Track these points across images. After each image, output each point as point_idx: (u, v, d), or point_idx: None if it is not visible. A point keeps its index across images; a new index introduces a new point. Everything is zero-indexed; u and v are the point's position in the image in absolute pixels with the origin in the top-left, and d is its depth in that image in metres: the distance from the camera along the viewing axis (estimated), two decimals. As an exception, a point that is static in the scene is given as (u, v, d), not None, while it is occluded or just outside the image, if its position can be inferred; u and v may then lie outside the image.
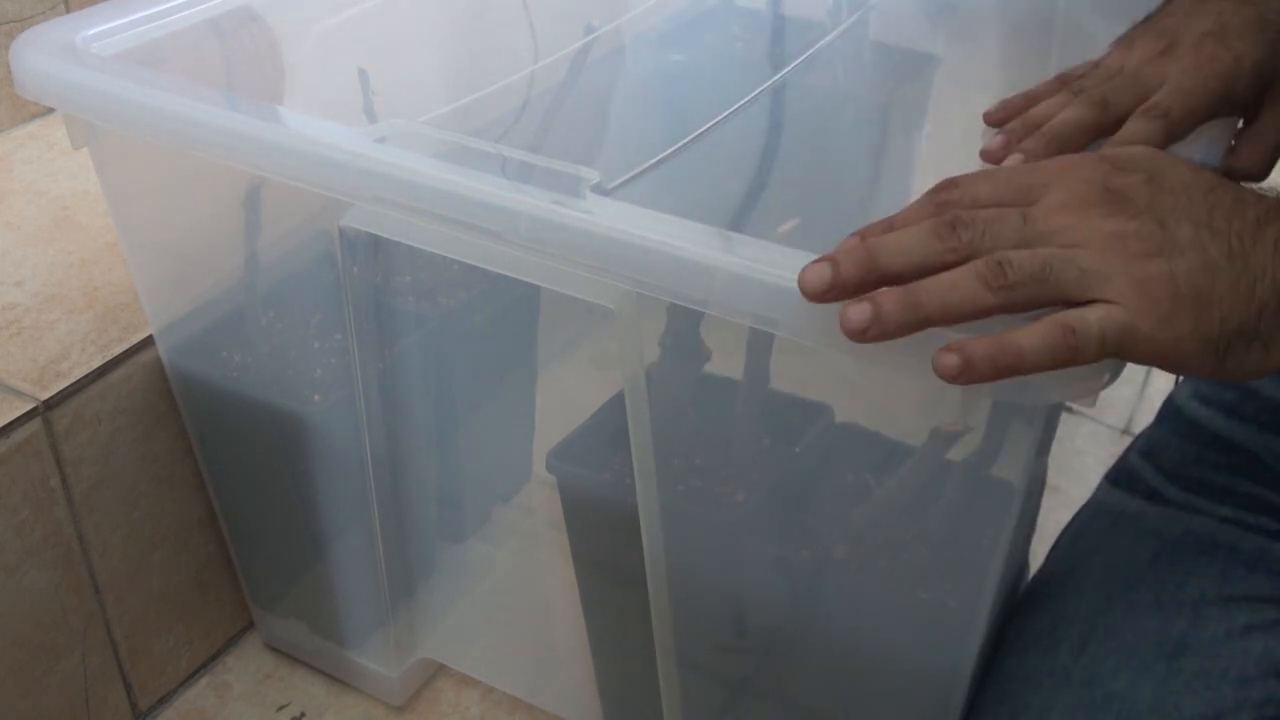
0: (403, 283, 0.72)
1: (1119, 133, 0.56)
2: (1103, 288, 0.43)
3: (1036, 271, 0.43)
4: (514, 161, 0.56)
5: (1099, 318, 0.43)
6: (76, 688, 0.76)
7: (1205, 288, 0.43)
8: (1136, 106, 0.56)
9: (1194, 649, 0.56)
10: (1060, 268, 0.43)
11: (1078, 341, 0.42)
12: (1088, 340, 0.42)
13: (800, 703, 0.68)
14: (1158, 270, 0.43)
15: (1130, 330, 0.43)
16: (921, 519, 0.61)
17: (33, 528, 0.70)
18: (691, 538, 0.63)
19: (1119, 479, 0.68)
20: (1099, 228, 0.44)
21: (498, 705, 0.84)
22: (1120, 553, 0.63)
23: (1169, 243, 0.43)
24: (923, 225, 0.45)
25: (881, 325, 0.43)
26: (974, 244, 0.44)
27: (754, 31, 1.00)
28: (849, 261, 0.45)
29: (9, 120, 0.98)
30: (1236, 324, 0.43)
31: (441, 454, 0.78)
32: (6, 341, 0.73)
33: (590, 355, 0.76)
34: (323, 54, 0.80)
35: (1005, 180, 0.47)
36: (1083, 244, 0.44)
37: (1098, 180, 0.46)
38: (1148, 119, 0.55)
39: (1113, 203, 0.45)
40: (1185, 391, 0.68)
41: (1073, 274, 0.43)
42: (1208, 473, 0.64)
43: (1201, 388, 0.67)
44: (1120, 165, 0.47)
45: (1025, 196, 0.46)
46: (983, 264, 0.43)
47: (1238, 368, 0.44)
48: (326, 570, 0.79)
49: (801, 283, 0.45)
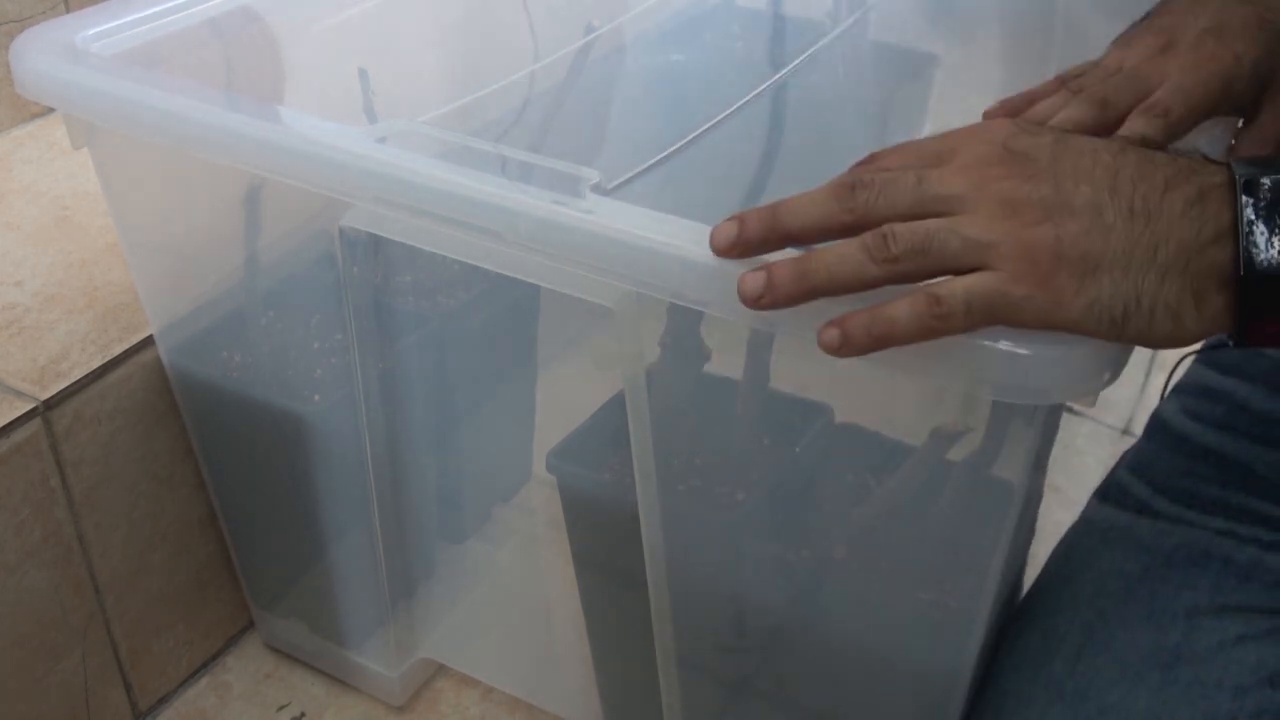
0: (403, 283, 0.72)
1: (1118, 131, 0.56)
2: (985, 256, 0.43)
3: (919, 243, 0.43)
4: (514, 161, 0.56)
5: (966, 285, 0.43)
6: (76, 688, 0.76)
7: (1095, 250, 0.42)
8: (1136, 105, 0.56)
9: (1188, 659, 0.56)
10: (944, 239, 0.43)
11: (943, 310, 0.42)
12: (953, 309, 0.42)
13: (800, 703, 0.68)
14: (1042, 235, 0.42)
15: (1002, 294, 0.42)
16: (921, 519, 0.61)
17: (33, 528, 0.70)
18: (691, 538, 0.63)
19: (1109, 495, 0.67)
20: (993, 191, 0.44)
21: (498, 705, 0.84)
22: (1112, 566, 0.62)
23: (1061, 205, 0.43)
24: (824, 187, 0.46)
25: (773, 293, 0.44)
26: (869, 205, 0.45)
27: (754, 31, 1.00)
28: (754, 219, 0.46)
29: (9, 120, 0.98)
30: (1133, 288, 0.42)
31: (441, 454, 0.78)
32: (6, 341, 0.73)
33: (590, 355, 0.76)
34: (323, 54, 0.80)
35: (917, 147, 0.47)
36: (972, 210, 0.44)
37: (999, 140, 0.45)
38: (1148, 117, 0.55)
39: (1012, 163, 0.44)
40: (1172, 407, 0.68)
41: (955, 244, 0.43)
42: (1199, 485, 0.64)
43: (1189, 403, 0.67)
44: (1029, 129, 0.46)
45: (934, 160, 0.46)
46: (869, 236, 0.44)
47: (1142, 335, 0.43)
48: (326, 570, 0.79)
49: (711, 239, 0.47)
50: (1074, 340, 0.44)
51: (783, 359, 0.60)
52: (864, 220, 0.45)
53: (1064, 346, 0.44)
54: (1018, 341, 0.44)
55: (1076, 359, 0.44)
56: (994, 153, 0.45)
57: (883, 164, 0.47)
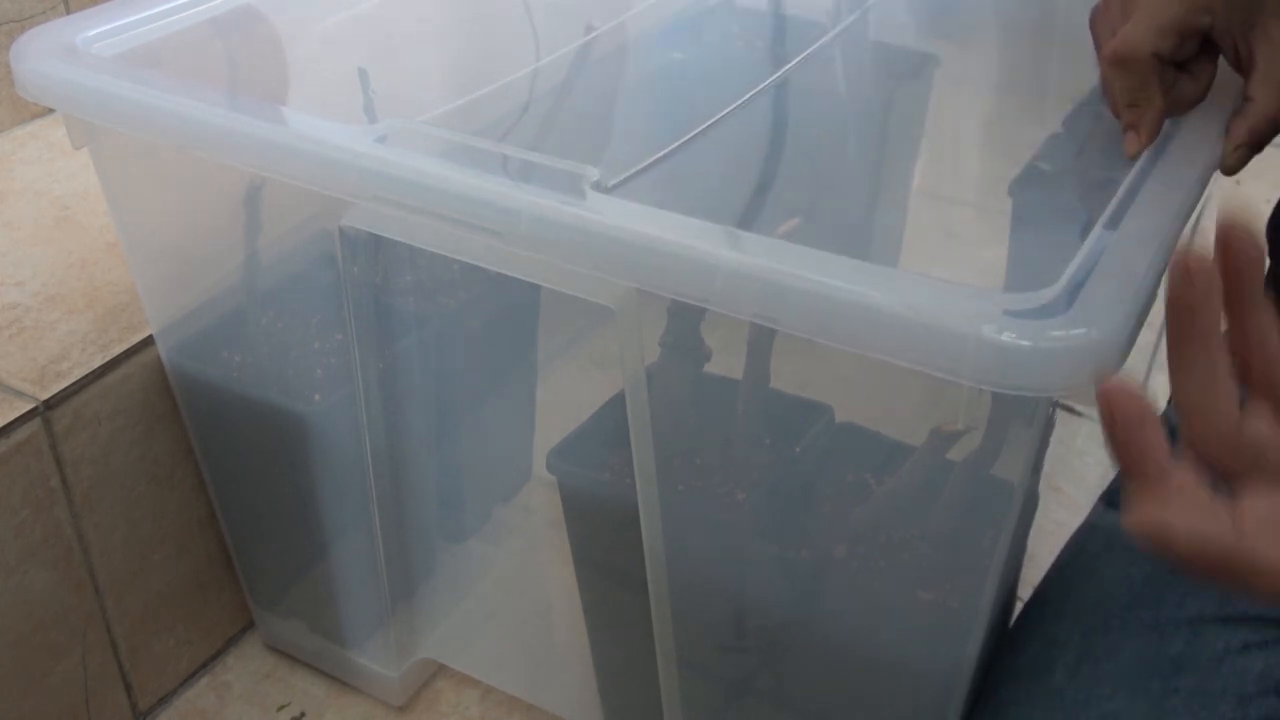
0: (403, 283, 0.72)
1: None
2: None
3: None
4: (514, 160, 0.56)
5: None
6: (76, 688, 0.76)
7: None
8: None
9: (1191, 668, 0.55)
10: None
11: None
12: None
13: (800, 703, 0.68)
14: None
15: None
16: (922, 519, 0.61)
17: (33, 528, 0.70)
18: (691, 538, 0.63)
19: (1114, 500, 0.67)
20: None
21: (498, 705, 0.84)
22: (1116, 573, 0.62)
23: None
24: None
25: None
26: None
27: (754, 30, 1.00)
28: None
29: (9, 120, 0.98)
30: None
31: (442, 454, 0.78)
32: (6, 341, 0.73)
33: (590, 355, 0.76)
34: (323, 53, 0.80)
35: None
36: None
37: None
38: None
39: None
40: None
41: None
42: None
43: None
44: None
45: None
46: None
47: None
48: (327, 570, 0.79)
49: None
50: (1074, 334, 0.44)
51: (783, 359, 0.60)
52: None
53: (1063, 340, 0.44)
54: (1019, 334, 0.44)
55: (1076, 351, 0.44)
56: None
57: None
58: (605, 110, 0.90)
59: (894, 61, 0.99)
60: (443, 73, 0.89)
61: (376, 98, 0.74)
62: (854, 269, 0.47)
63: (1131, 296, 0.46)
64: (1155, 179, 0.55)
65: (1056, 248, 0.51)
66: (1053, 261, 0.49)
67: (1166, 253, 0.50)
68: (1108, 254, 0.48)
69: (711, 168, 0.76)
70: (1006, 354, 0.44)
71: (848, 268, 0.47)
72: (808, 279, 0.47)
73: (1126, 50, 0.57)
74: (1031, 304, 0.45)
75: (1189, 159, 0.57)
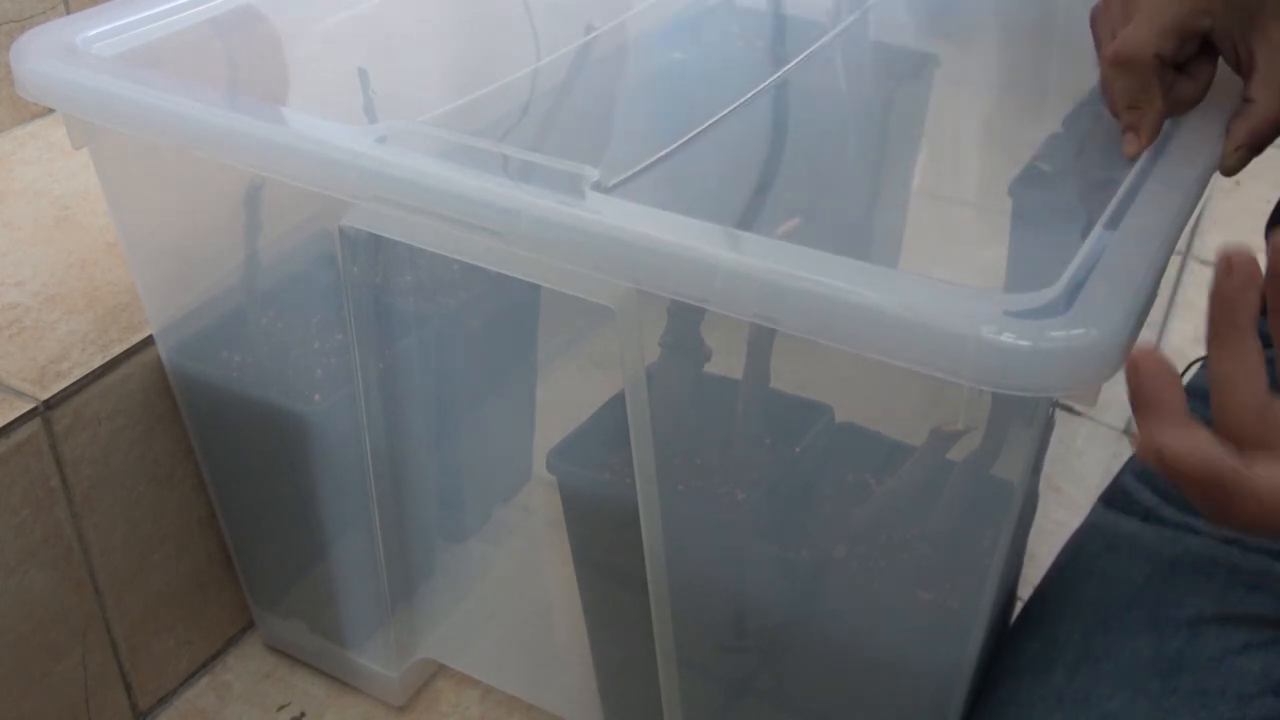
0: (403, 283, 0.72)
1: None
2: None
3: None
4: (514, 160, 0.56)
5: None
6: (76, 688, 0.76)
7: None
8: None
9: (1190, 667, 0.55)
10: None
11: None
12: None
13: (800, 703, 0.68)
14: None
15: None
16: (921, 519, 0.61)
17: (33, 528, 0.70)
18: (691, 538, 0.63)
19: (1113, 500, 0.67)
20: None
21: (498, 705, 0.84)
22: (1115, 573, 0.62)
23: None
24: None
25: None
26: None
27: (754, 30, 1.00)
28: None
29: (9, 120, 0.98)
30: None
31: (441, 454, 0.78)
32: (6, 341, 0.73)
33: (590, 355, 0.76)
34: (323, 53, 0.80)
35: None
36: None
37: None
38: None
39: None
40: None
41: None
42: None
43: (1196, 408, 0.66)
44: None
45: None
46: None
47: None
48: (327, 570, 0.79)
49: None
50: (1074, 334, 0.44)
51: (783, 359, 0.60)
52: None
53: (1063, 340, 0.44)
54: (1019, 334, 0.44)
55: (1076, 352, 0.44)
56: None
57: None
58: (605, 110, 0.90)
59: (894, 61, 0.99)
60: (443, 73, 0.89)
61: (376, 98, 0.74)
62: (854, 269, 0.47)
63: (1131, 296, 0.46)
64: (1155, 179, 0.55)
65: (1056, 248, 0.51)
66: (1053, 262, 0.49)
67: (1166, 253, 0.50)
68: (1108, 254, 0.48)
69: (711, 168, 0.76)
70: (1006, 354, 0.44)
71: (847, 268, 0.47)
72: (807, 279, 0.47)
73: (1128, 52, 0.57)
74: (1031, 304, 0.45)
75: (1189, 159, 0.57)
